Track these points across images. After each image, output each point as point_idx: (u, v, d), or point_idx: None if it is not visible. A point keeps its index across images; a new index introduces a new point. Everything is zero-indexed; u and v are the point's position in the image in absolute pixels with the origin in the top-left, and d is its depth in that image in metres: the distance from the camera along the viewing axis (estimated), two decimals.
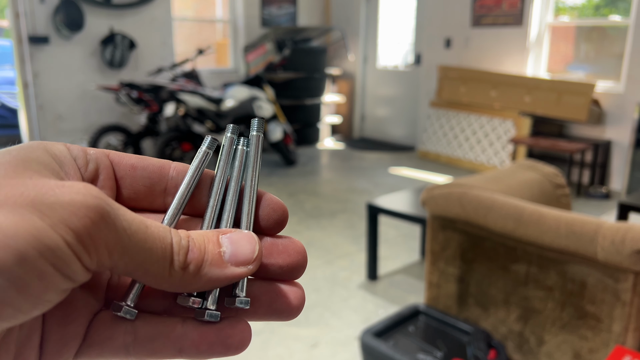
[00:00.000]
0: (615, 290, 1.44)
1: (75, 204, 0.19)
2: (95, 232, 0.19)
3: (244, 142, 0.27)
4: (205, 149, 0.27)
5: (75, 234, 0.19)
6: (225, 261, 0.23)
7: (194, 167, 0.26)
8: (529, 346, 1.68)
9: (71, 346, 0.23)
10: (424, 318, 1.92)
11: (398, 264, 3.05)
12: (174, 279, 0.22)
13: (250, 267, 0.24)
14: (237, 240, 0.24)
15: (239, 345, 0.24)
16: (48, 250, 0.18)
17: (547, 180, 2.11)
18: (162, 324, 0.24)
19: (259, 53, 5.84)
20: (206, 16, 7.08)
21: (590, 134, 4.79)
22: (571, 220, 1.49)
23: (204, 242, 0.23)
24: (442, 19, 5.76)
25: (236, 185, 0.27)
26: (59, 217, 0.18)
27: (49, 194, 0.19)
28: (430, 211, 1.88)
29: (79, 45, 5.03)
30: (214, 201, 0.26)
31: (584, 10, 5.24)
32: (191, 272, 0.22)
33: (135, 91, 4.54)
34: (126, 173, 0.26)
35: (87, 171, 0.24)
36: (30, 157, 0.21)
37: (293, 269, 0.26)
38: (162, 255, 0.22)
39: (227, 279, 0.23)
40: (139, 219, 0.21)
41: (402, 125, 6.65)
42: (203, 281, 0.23)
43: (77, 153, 0.24)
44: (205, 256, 0.23)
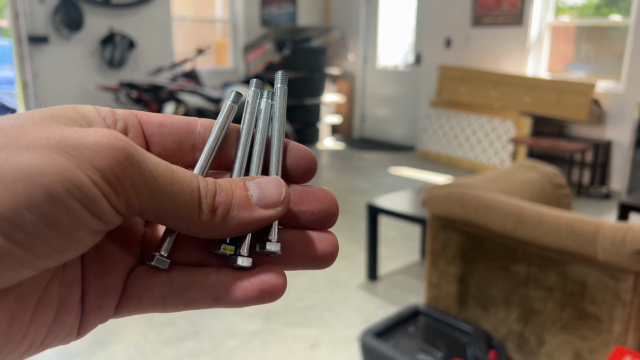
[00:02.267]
0: (615, 290, 1.44)
1: (100, 145, 0.19)
2: (121, 172, 0.20)
3: (268, 94, 0.28)
4: (231, 103, 0.27)
5: (101, 173, 0.19)
6: (254, 204, 0.23)
7: (220, 121, 0.26)
8: (529, 346, 1.68)
9: (111, 298, 0.24)
10: (424, 318, 1.91)
11: (398, 264, 3.05)
12: (204, 223, 0.22)
13: (279, 209, 0.24)
14: (264, 184, 0.24)
15: (274, 291, 0.24)
16: (75, 187, 0.18)
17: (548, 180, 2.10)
18: (197, 273, 0.25)
19: (258, 53, 5.83)
20: (206, 16, 7.08)
21: (590, 134, 4.79)
22: (571, 220, 1.49)
23: (231, 187, 0.24)
24: (442, 18, 5.76)
25: (263, 136, 0.27)
26: (84, 157, 0.19)
27: (74, 137, 0.19)
28: (431, 211, 1.88)
29: (79, 45, 5.03)
30: (242, 153, 0.26)
31: (584, 10, 5.23)
32: (220, 215, 0.23)
33: (134, 91, 4.54)
34: (155, 130, 0.26)
35: (116, 129, 0.25)
36: (58, 113, 0.22)
37: (325, 216, 0.26)
38: (190, 198, 0.22)
39: (257, 221, 0.23)
40: (165, 163, 0.22)
41: (402, 125, 6.65)
42: (233, 224, 0.23)
43: (105, 113, 0.25)
44: (233, 200, 0.23)
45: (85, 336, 0.25)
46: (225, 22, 6.56)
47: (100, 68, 5.18)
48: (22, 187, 0.18)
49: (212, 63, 6.54)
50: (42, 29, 4.80)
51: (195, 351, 2.16)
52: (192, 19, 6.92)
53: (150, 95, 4.57)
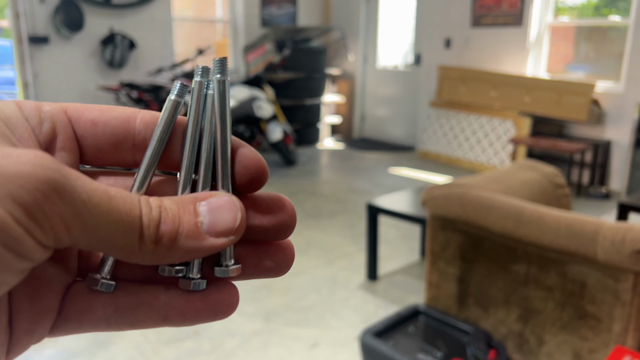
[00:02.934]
0: (615, 290, 1.44)
1: (24, 176, 0.17)
2: (48, 206, 0.17)
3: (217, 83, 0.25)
4: (175, 98, 0.24)
5: (24, 209, 0.17)
6: (203, 232, 0.21)
7: (163, 121, 0.23)
8: (529, 346, 1.68)
9: (45, 322, 0.22)
10: (424, 318, 1.91)
11: (398, 264, 3.05)
12: (146, 254, 0.20)
13: (232, 238, 0.21)
14: (216, 207, 0.21)
15: (227, 310, 0.23)
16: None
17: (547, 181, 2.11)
18: (144, 292, 0.23)
19: (258, 53, 5.83)
20: (206, 16, 7.08)
21: (590, 134, 4.79)
22: (571, 220, 1.49)
23: (179, 212, 0.21)
24: (442, 19, 5.76)
25: (210, 139, 0.24)
26: (4, 192, 0.17)
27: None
28: (430, 211, 1.88)
29: (79, 45, 5.03)
30: (188, 161, 0.24)
31: (584, 10, 5.24)
32: (164, 245, 0.20)
33: (135, 91, 4.54)
34: (87, 131, 0.23)
35: (42, 132, 0.22)
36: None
37: (279, 231, 0.24)
38: (130, 229, 0.19)
39: (206, 250, 0.21)
40: (101, 189, 0.19)
41: (402, 125, 6.65)
42: (179, 254, 0.21)
43: (29, 112, 0.22)
44: (180, 228, 0.21)
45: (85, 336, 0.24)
46: (225, 23, 6.57)
47: (100, 68, 5.19)
48: None
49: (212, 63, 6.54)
50: (42, 29, 4.80)
51: (195, 351, 2.17)
52: (193, 19, 6.92)
53: (150, 96, 4.58)
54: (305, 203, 4.18)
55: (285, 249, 0.25)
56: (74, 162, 0.23)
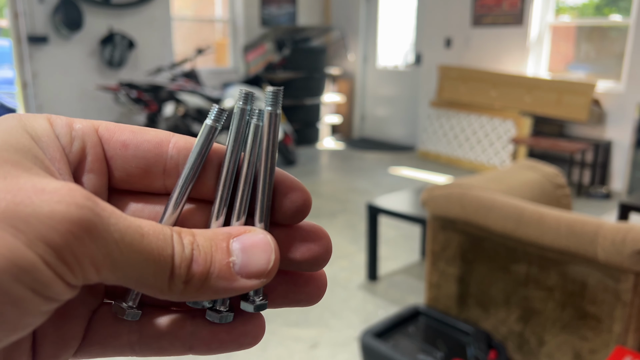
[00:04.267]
0: (615, 290, 1.43)
1: (56, 217, 0.16)
2: (79, 249, 0.17)
3: (259, 115, 0.23)
4: (212, 124, 0.23)
5: (55, 251, 0.16)
6: (235, 273, 0.20)
7: (198, 147, 0.22)
8: (529, 347, 1.67)
9: (69, 347, 0.21)
10: (424, 318, 1.91)
11: (398, 265, 3.05)
12: (174, 293, 0.20)
13: (264, 280, 0.21)
14: (249, 247, 0.21)
15: (252, 341, 0.23)
16: (23, 272, 0.16)
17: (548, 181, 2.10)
18: (170, 321, 0.22)
19: (258, 53, 5.83)
20: (205, 16, 7.08)
21: (590, 134, 4.79)
22: (571, 220, 1.49)
23: (211, 250, 0.20)
24: (442, 18, 5.76)
25: (249, 168, 0.23)
26: (35, 233, 0.16)
27: (24, 203, 0.16)
28: (431, 211, 1.87)
29: (78, 45, 5.03)
30: (224, 191, 0.23)
31: (585, 10, 5.23)
32: (194, 285, 0.20)
33: (134, 91, 4.54)
34: (117, 152, 0.23)
35: (72, 151, 0.21)
36: (8, 143, 0.19)
37: (313, 264, 0.23)
38: (161, 268, 0.19)
39: (236, 291, 0.20)
40: (134, 226, 0.19)
41: (402, 125, 6.65)
42: (209, 294, 0.20)
43: (61, 130, 0.21)
44: (211, 268, 0.20)
45: None
46: (225, 22, 6.56)
47: (99, 68, 5.18)
48: None
49: (211, 63, 6.54)
50: (41, 29, 4.80)
51: None
52: (192, 19, 6.92)
53: (149, 95, 4.57)
54: None
55: (317, 280, 0.24)
56: (102, 185, 0.23)
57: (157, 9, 5.46)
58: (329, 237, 0.24)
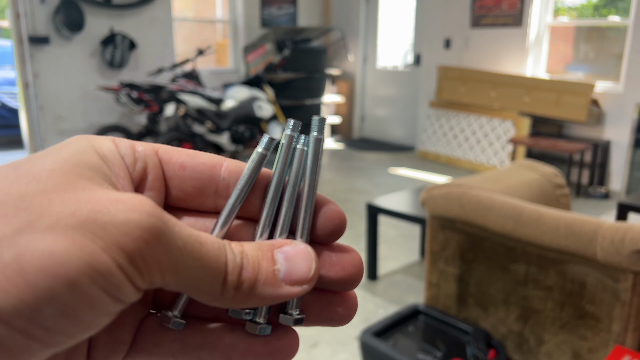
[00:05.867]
0: (614, 290, 1.44)
1: (130, 224, 0.18)
2: (149, 253, 0.18)
3: (304, 141, 0.25)
4: (262, 151, 0.25)
5: (128, 256, 0.18)
6: (279, 280, 0.22)
7: (248, 171, 0.24)
8: (528, 346, 1.68)
9: (119, 352, 0.23)
10: (424, 318, 1.92)
11: (398, 264, 3.06)
12: (226, 298, 0.21)
13: (306, 287, 0.22)
14: (292, 257, 0.22)
15: (287, 357, 0.24)
16: (100, 275, 0.17)
17: (547, 180, 2.11)
18: (210, 333, 0.24)
19: (258, 53, 5.84)
20: (206, 16, 7.09)
21: (589, 134, 4.80)
22: (570, 220, 1.50)
23: (258, 258, 0.22)
24: (442, 19, 5.77)
25: (293, 189, 0.25)
26: (111, 239, 0.17)
27: (102, 212, 0.18)
28: (430, 211, 1.88)
29: (79, 46, 5.04)
30: (270, 210, 0.24)
31: (583, 10, 5.24)
32: (244, 291, 0.21)
33: (135, 91, 4.54)
34: (175, 173, 0.25)
35: (135, 171, 0.23)
36: (82, 161, 0.20)
37: (346, 283, 0.24)
38: (217, 274, 0.21)
39: (280, 298, 0.22)
40: (194, 235, 0.20)
41: (401, 126, 6.65)
42: (256, 300, 0.22)
43: (125, 151, 0.23)
44: (259, 275, 0.22)
45: None
46: (225, 23, 6.57)
47: (100, 68, 5.19)
48: (44, 280, 0.16)
49: (212, 63, 6.55)
50: (42, 29, 4.80)
51: None
52: (193, 20, 6.93)
53: (150, 96, 4.58)
54: None
55: (349, 300, 0.25)
56: (160, 203, 0.24)
57: (158, 9, 5.46)
58: (361, 258, 0.25)
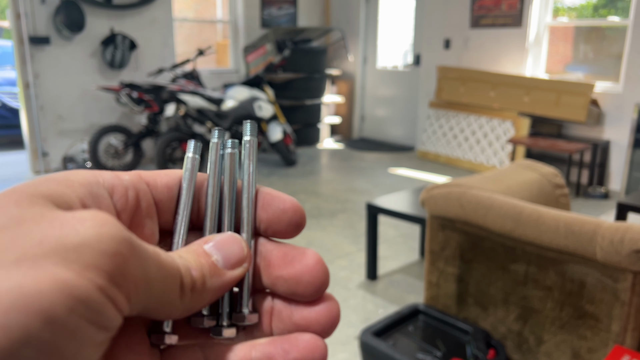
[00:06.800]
0: (614, 290, 1.45)
1: (104, 241, 0.17)
2: (128, 270, 0.17)
3: (233, 144, 0.26)
4: (192, 155, 0.25)
5: (108, 275, 0.17)
6: (221, 268, 0.22)
7: (186, 181, 0.24)
8: (528, 346, 1.69)
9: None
10: (424, 317, 1.92)
11: (398, 264, 3.06)
12: (185, 303, 0.21)
13: (246, 265, 0.23)
14: (222, 245, 0.23)
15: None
16: (79, 303, 0.16)
17: (546, 180, 2.12)
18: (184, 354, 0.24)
19: (259, 54, 5.84)
20: (206, 17, 7.09)
21: (589, 134, 4.80)
22: (570, 220, 1.50)
23: (196, 257, 0.22)
24: (442, 19, 5.77)
25: (232, 195, 0.25)
26: (87, 261, 0.16)
27: (71, 235, 0.17)
28: (430, 211, 1.89)
29: (80, 46, 5.04)
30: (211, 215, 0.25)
31: (583, 10, 5.25)
32: (198, 290, 0.21)
33: (135, 92, 4.55)
34: (164, 195, 0.24)
35: (128, 201, 0.22)
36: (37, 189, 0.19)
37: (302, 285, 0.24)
38: (175, 281, 0.20)
39: (228, 284, 0.23)
40: (151, 247, 0.20)
41: (401, 126, 6.66)
42: (209, 295, 0.22)
43: (112, 181, 0.22)
44: (204, 270, 0.22)
45: None
46: (225, 23, 6.57)
47: (101, 69, 5.19)
48: (16, 318, 0.15)
49: (212, 64, 6.55)
50: (43, 29, 4.81)
51: None
52: (193, 20, 6.93)
53: (151, 96, 4.58)
54: (306, 203, 4.19)
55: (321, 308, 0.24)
56: (156, 229, 0.24)
57: (158, 10, 5.47)
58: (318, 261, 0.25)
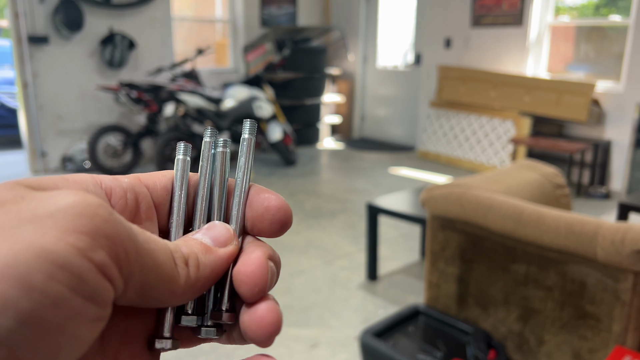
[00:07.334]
0: (615, 290, 1.44)
1: (79, 205, 0.16)
2: (109, 229, 0.17)
3: (224, 143, 0.26)
4: (182, 157, 0.25)
5: (88, 236, 0.16)
6: (212, 247, 0.23)
7: (178, 182, 0.25)
8: (528, 346, 1.68)
9: None
10: (424, 318, 1.91)
11: (398, 264, 3.05)
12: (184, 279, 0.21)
13: (235, 243, 0.24)
14: (208, 228, 0.24)
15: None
16: (58, 268, 0.15)
17: (547, 180, 2.11)
18: None
19: (258, 53, 5.83)
20: (206, 16, 7.08)
21: (590, 134, 4.79)
22: (571, 220, 1.49)
23: (184, 241, 0.23)
24: (442, 19, 5.76)
25: (221, 193, 0.25)
26: (64, 224, 0.16)
27: (47, 205, 0.16)
28: (430, 211, 1.88)
29: (79, 45, 5.03)
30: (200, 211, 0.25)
31: (584, 10, 5.23)
32: (193, 265, 0.21)
33: (134, 91, 4.54)
34: (164, 198, 0.24)
35: (127, 203, 0.23)
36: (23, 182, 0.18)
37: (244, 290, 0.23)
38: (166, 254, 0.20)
39: (224, 260, 0.23)
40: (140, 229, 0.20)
41: (402, 125, 6.65)
42: (207, 272, 0.22)
43: (110, 184, 0.22)
44: (195, 249, 0.22)
45: None
46: (225, 22, 6.57)
47: (100, 68, 5.19)
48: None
49: (212, 63, 6.54)
50: (42, 29, 4.80)
51: (195, 351, 2.17)
52: (192, 19, 6.92)
53: (150, 96, 4.58)
54: (306, 203, 4.18)
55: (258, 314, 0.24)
56: (155, 231, 0.24)
57: (157, 9, 5.46)
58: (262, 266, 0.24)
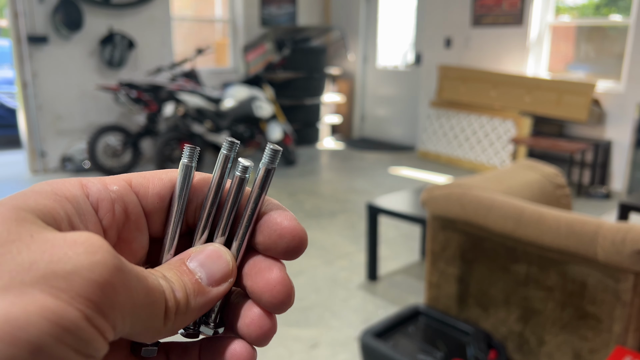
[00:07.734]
0: (615, 290, 1.43)
1: (96, 270, 0.16)
2: (116, 298, 0.17)
3: (243, 169, 0.24)
4: (187, 162, 0.24)
5: (96, 305, 0.16)
6: (205, 286, 0.22)
7: (178, 191, 0.23)
8: (529, 346, 1.67)
9: None
10: (424, 318, 1.91)
11: (398, 264, 3.05)
12: (168, 327, 0.21)
13: (231, 280, 0.23)
14: (205, 260, 0.22)
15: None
16: (67, 333, 0.15)
17: (548, 181, 2.10)
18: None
19: (258, 53, 5.83)
20: (205, 16, 7.08)
21: (590, 133, 4.79)
22: (571, 220, 1.49)
23: (179, 276, 0.22)
24: (442, 18, 5.76)
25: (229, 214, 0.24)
26: (77, 290, 0.16)
27: (62, 261, 0.16)
28: (431, 211, 1.87)
29: (78, 45, 5.03)
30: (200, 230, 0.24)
31: (585, 9, 5.23)
32: (182, 311, 0.21)
33: (134, 91, 4.53)
34: (155, 206, 0.23)
35: (115, 215, 0.22)
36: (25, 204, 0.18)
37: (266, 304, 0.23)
38: (161, 306, 0.20)
39: (213, 301, 0.22)
40: (137, 269, 0.19)
41: (402, 125, 6.64)
42: (193, 314, 0.22)
43: (99, 194, 0.21)
44: (187, 290, 0.21)
45: None
46: (225, 22, 6.56)
47: (99, 68, 5.18)
48: (3, 350, 0.14)
49: (211, 63, 6.54)
50: (41, 28, 4.79)
51: None
52: (192, 19, 6.92)
53: (149, 95, 4.57)
54: (305, 203, 4.17)
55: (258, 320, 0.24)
56: (147, 242, 0.24)
57: (157, 9, 5.46)
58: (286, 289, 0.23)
